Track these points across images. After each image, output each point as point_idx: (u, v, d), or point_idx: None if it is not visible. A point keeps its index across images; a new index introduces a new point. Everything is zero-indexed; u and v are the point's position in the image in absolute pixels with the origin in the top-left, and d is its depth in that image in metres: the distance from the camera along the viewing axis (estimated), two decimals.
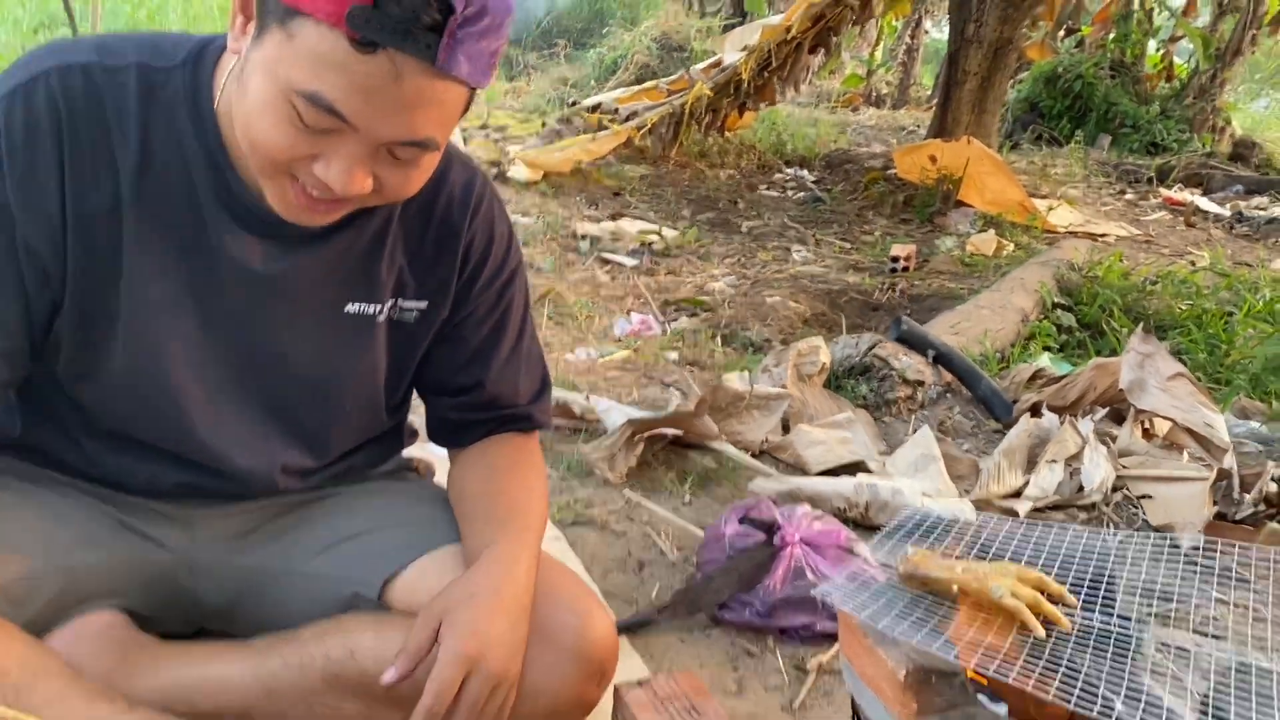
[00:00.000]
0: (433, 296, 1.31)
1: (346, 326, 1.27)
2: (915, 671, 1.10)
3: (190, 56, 1.12)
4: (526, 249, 5.16)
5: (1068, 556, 1.46)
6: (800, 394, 2.69)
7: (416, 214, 1.26)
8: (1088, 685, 1.12)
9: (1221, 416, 2.61)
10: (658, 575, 2.00)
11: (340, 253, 1.21)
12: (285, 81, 0.95)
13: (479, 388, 1.37)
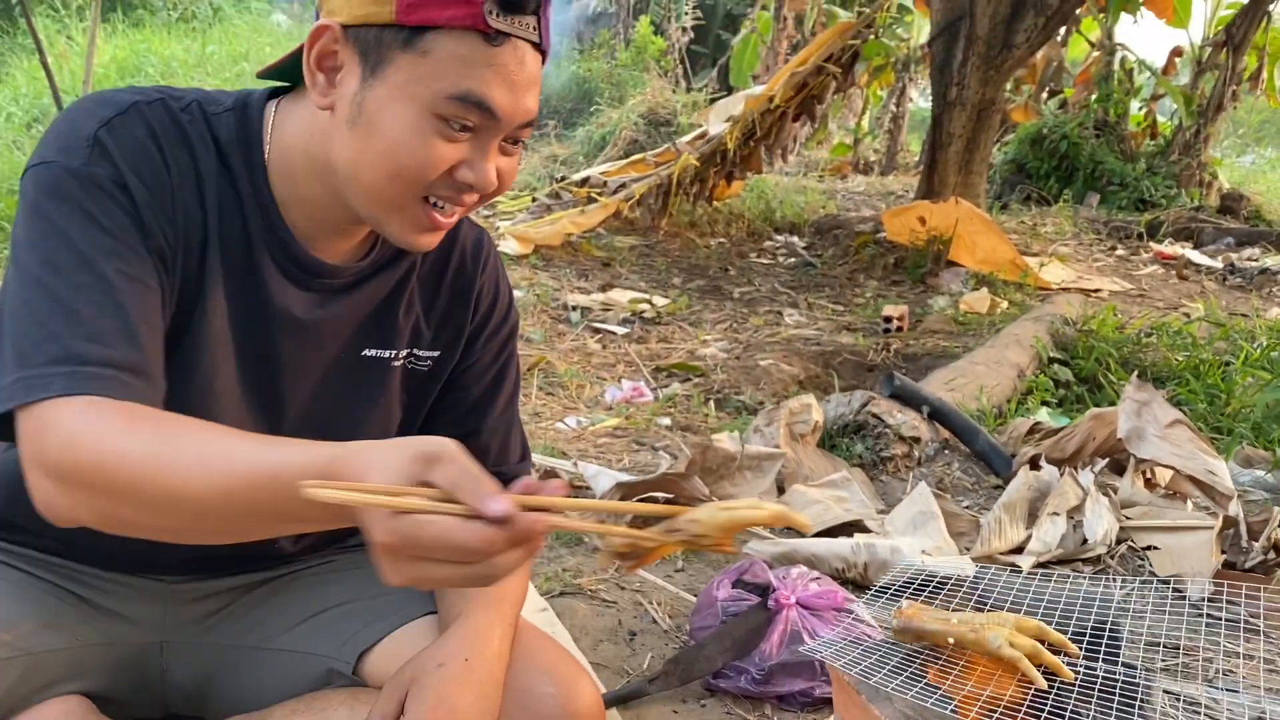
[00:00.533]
0: (445, 347, 1.34)
1: (362, 370, 1.29)
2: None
3: (238, 103, 1.16)
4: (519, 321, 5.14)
5: (1068, 606, 1.40)
6: (794, 454, 2.63)
7: (433, 265, 1.31)
8: None
9: (1223, 463, 2.55)
10: (650, 644, 1.92)
11: (366, 299, 1.26)
12: (431, 95, 1.03)
13: (474, 437, 1.36)
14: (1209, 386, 4.24)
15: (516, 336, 1.41)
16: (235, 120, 1.14)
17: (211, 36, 14.51)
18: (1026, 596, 1.40)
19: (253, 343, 1.21)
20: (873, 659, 1.19)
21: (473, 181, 1.09)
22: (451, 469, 0.83)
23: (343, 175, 1.10)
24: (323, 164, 1.13)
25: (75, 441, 0.94)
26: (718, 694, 1.75)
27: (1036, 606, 1.36)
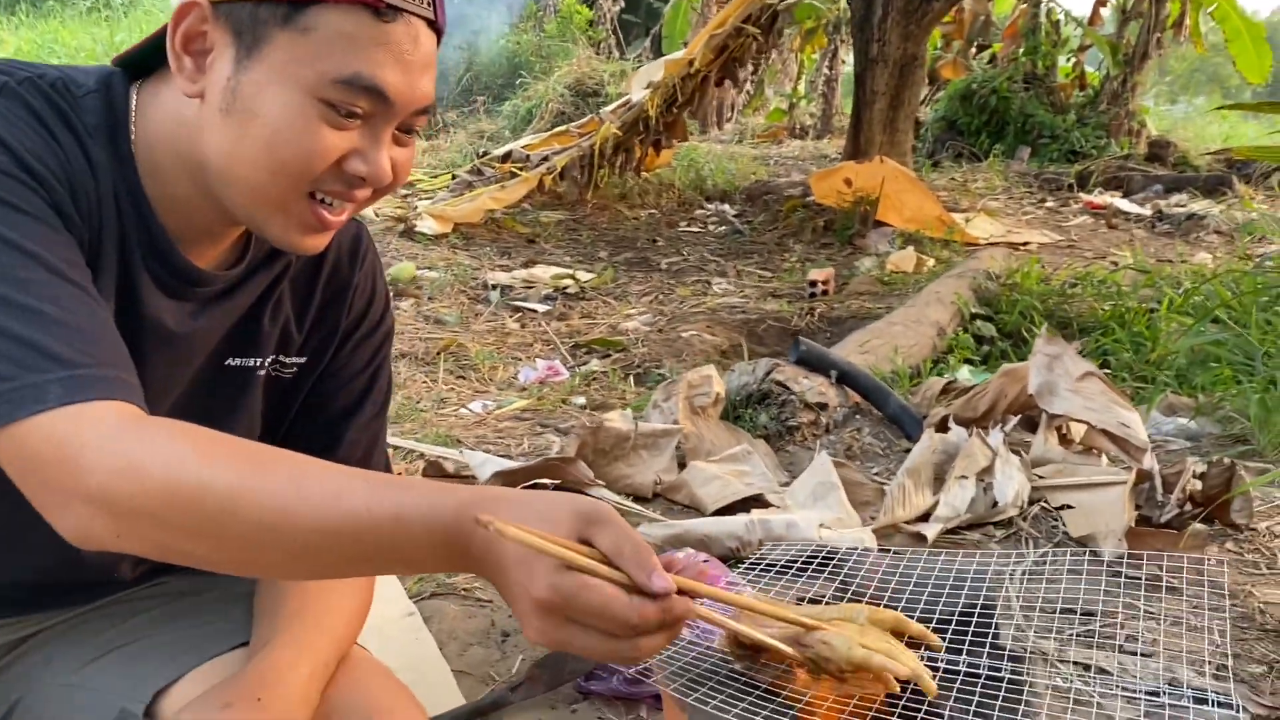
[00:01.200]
0: (314, 352, 1.24)
1: (226, 382, 1.19)
2: None
3: (101, 84, 1.02)
4: (431, 303, 4.97)
5: (940, 585, 1.28)
6: (694, 428, 2.50)
7: (306, 264, 1.20)
8: None
9: (1137, 415, 2.46)
10: (524, 646, 1.78)
11: (236, 307, 1.15)
12: (315, 78, 0.92)
13: (333, 449, 1.25)
14: (1134, 335, 4.18)
15: (388, 348, 1.29)
16: (101, 104, 1.01)
17: (123, 25, 14.03)
18: (893, 578, 1.28)
19: (135, 360, 1.06)
20: (711, 663, 1.06)
21: (364, 174, 0.98)
22: (615, 533, 0.79)
23: (216, 171, 0.98)
24: (192, 160, 1.00)
25: (137, 466, 0.82)
26: (590, 697, 1.62)
27: (902, 590, 1.24)
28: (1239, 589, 2.12)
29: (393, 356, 1.34)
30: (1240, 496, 2.35)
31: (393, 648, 1.74)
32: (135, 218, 1.03)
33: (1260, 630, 1.96)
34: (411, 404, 3.38)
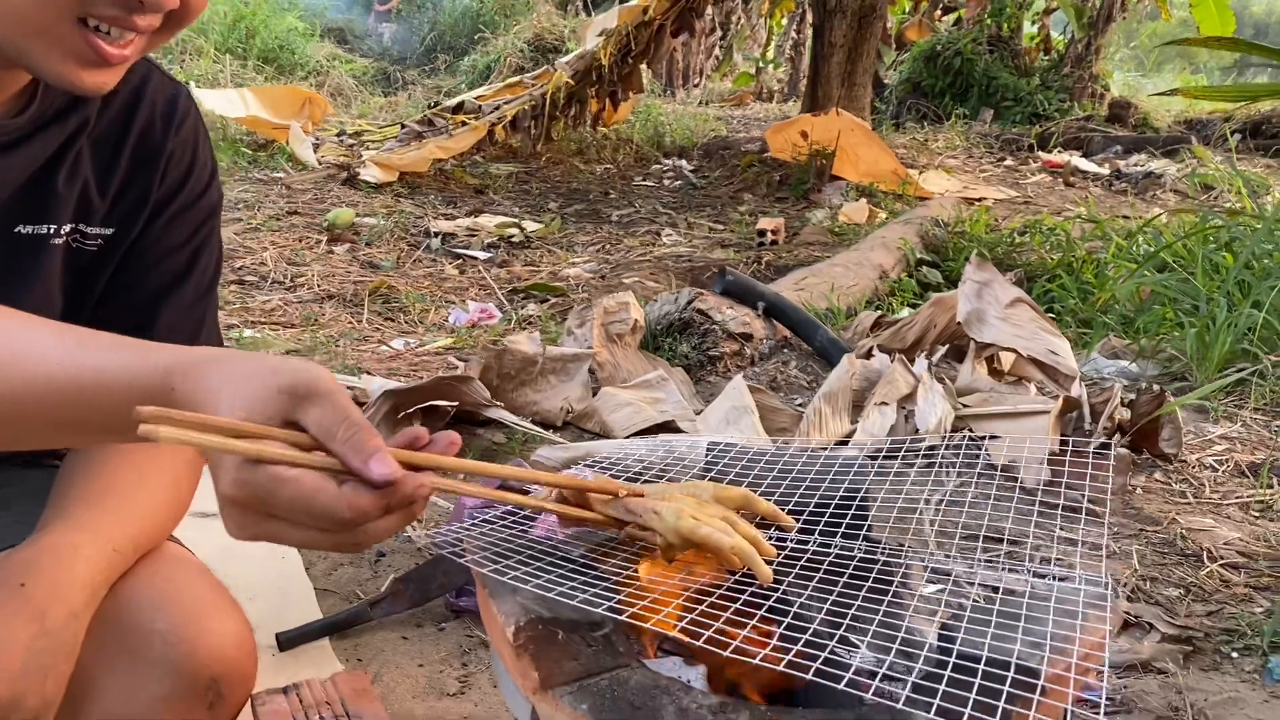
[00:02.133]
0: (121, 223, 1.13)
1: (15, 252, 1.07)
2: (529, 626, 0.79)
3: None
4: (369, 248, 4.82)
5: (816, 477, 1.17)
6: (609, 355, 2.38)
7: (112, 124, 1.09)
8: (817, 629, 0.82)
9: (1066, 342, 2.37)
10: (399, 565, 1.67)
11: (21, 165, 1.04)
12: None
13: (146, 330, 1.14)
14: (1082, 283, 4.11)
15: (214, 225, 1.17)
16: None
17: None
18: (765, 469, 1.17)
19: None
20: (515, 544, 0.95)
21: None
22: (326, 411, 0.69)
23: None
24: None
25: None
26: (461, 615, 1.51)
27: (771, 481, 1.13)
28: (1164, 516, 2.04)
29: (318, 296, 1.22)
30: (1169, 426, 2.28)
31: (255, 565, 1.62)
32: None
33: (1180, 555, 1.88)
34: (330, 340, 3.24)
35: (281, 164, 6.24)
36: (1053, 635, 0.80)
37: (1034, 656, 0.77)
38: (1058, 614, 0.83)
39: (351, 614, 1.42)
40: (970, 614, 0.86)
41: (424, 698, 1.29)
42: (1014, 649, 0.78)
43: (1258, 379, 2.72)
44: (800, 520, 1.07)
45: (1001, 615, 0.84)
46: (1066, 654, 0.78)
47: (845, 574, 0.93)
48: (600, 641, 0.81)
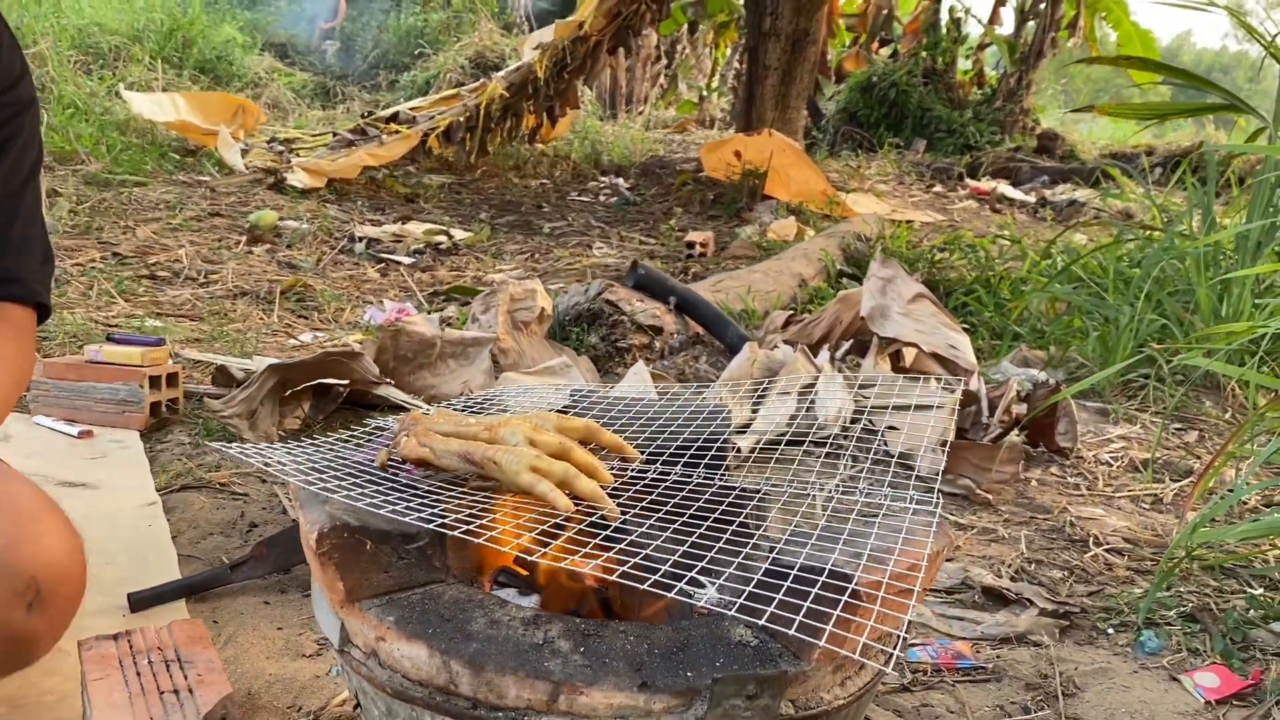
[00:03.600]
0: None
1: None
2: (334, 534, 0.76)
3: None
4: (290, 250, 4.74)
5: (671, 419, 1.16)
6: (514, 343, 2.35)
7: None
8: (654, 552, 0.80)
9: (966, 338, 2.39)
10: (270, 535, 1.62)
11: None
12: None
13: None
14: (999, 297, 4.17)
15: (30, 114, 1.16)
16: None
17: None
18: (623, 412, 1.16)
19: None
20: (368, 479, 0.91)
21: None
22: None
23: None
24: None
25: None
26: None
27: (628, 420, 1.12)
28: (1055, 506, 2.06)
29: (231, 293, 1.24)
30: (1065, 420, 2.30)
31: (120, 533, 1.56)
32: None
33: (1068, 540, 1.89)
34: (238, 334, 3.17)
35: (208, 168, 6.13)
36: (873, 549, 0.79)
37: (850, 565, 0.76)
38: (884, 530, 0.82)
39: (209, 576, 1.36)
40: (793, 529, 0.85)
41: (278, 658, 1.25)
42: (831, 559, 0.76)
43: (1156, 382, 2.77)
44: (654, 459, 1.05)
45: (828, 530, 0.83)
46: (885, 565, 0.76)
47: (694, 506, 0.92)
48: (413, 555, 0.78)
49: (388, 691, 0.74)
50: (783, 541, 0.81)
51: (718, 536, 0.84)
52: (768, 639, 0.74)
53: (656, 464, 1.00)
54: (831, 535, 0.81)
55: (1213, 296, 2.99)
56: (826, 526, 0.84)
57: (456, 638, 0.72)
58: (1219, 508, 1.86)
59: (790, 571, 0.74)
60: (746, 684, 0.70)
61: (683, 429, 1.14)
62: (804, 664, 0.72)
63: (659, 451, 1.07)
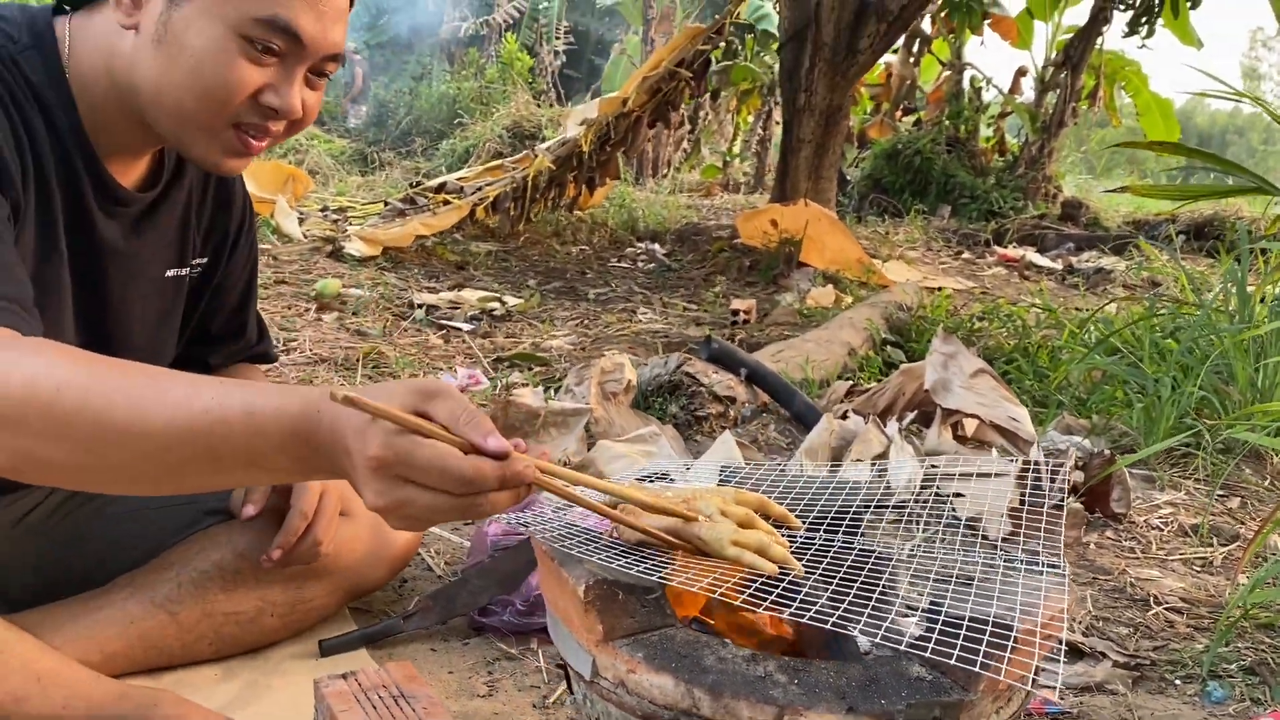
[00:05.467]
0: (213, 252, 1.42)
1: (168, 291, 1.36)
2: (596, 586, 0.95)
3: (34, 36, 1.13)
4: (356, 318, 4.98)
5: (815, 494, 1.35)
6: (605, 412, 2.55)
7: (198, 177, 1.35)
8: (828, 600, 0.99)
9: (1025, 410, 2.58)
10: (421, 590, 1.81)
11: (165, 222, 1.30)
12: (238, 16, 1.04)
13: (243, 329, 1.53)
14: (1038, 366, 4.35)
15: (256, 233, 1.53)
16: (41, 61, 1.11)
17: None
18: (778, 488, 1.35)
19: (86, 278, 1.22)
20: (603, 544, 1.11)
21: (277, 106, 1.10)
22: (451, 404, 0.83)
23: (148, 96, 1.09)
24: (125, 85, 1.11)
25: (1, 376, 0.86)
26: (483, 632, 1.65)
27: (779, 492, 1.31)
28: (1114, 567, 2.23)
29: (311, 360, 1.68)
30: (1119, 488, 2.48)
31: None
32: (80, 154, 1.15)
33: (1130, 600, 2.06)
34: None
35: (267, 236, 6.41)
36: (1023, 603, 0.98)
37: (1009, 615, 0.95)
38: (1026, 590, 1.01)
39: (386, 626, 1.55)
40: (953, 588, 1.04)
41: (456, 698, 1.43)
42: (992, 610, 0.95)
43: (1201, 450, 2.94)
44: (805, 523, 1.25)
45: (980, 588, 1.02)
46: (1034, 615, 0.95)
47: (846, 563, 1.11)
48: (653, 604, 0.98)
49: (637, 715, 0.92)
50: (948, 595, 1.00)
51: (871, 590, 1.03)
52: (940, 675, 0.93)
53: (803, 531, 1.19)
54: (986, 591, 1.00)
55: (1249, 370, 3.17)
56: (980, 584, 1.03)
57: (695, 670, 0.91)
58: (1271, 570, 2.03)
59: (963, 620, 0.93)
60: (933, 709, 0.88)
61: (817, 499, 1.34)
62: (972, 694, 0.90)
63: (802, 518, 1.26)
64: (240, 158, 1.16)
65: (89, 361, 0.90)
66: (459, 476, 0.80)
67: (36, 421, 0.85)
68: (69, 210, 1.16)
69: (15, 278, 1.00)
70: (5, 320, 0.94)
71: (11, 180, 1.04)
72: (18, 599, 1.33)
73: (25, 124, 1.08)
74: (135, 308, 1.30)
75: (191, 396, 0.86)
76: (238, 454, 0.86)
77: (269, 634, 1.45)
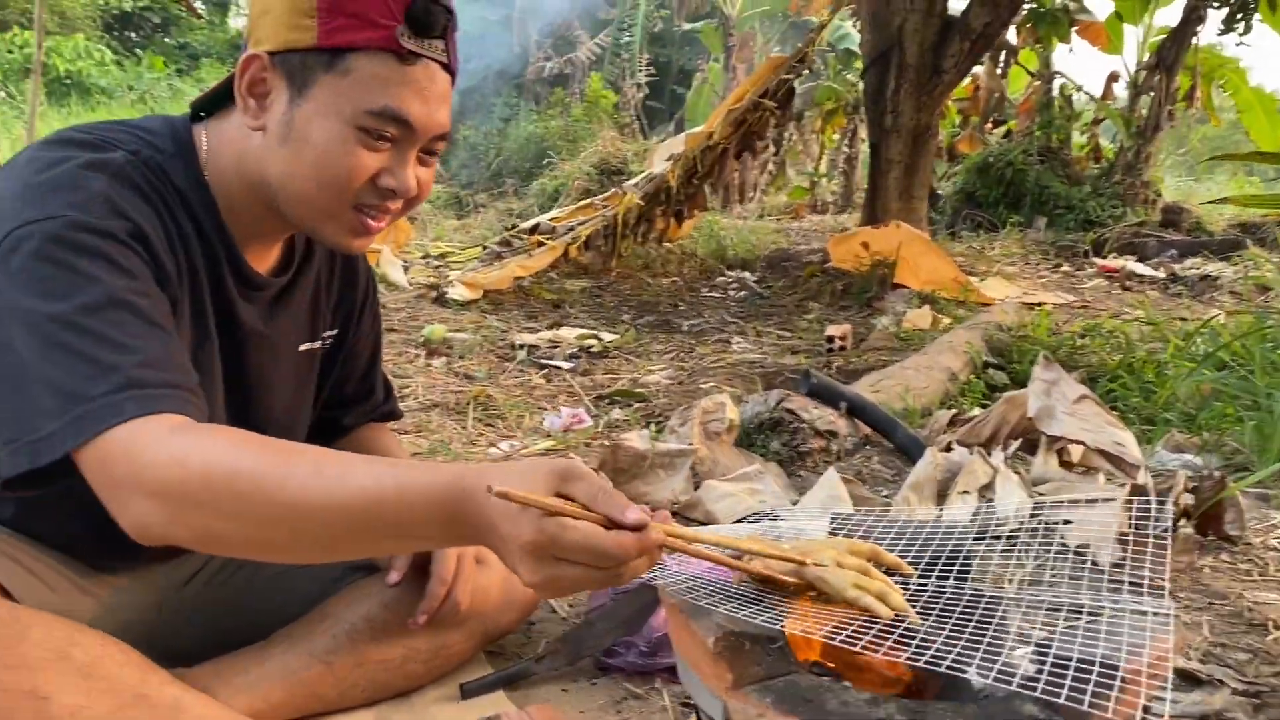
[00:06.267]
0: (341, 324, 1.54)
1: (302, 365, 1.47)
2: (725, 638, 1.04)
3: (176, 144, 1.26)
4: (462, 361, 5.17)
5: (922, 540, 1.41)
6: (708, 451, 2.64)
7: (326, 255, 1.48)
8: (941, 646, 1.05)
9: (1130, 434, 2.57)
10: (547, 632, 1.91)
11: (298, 301, 1.42)
12: (353, 109, 1.14)
13: (372, 392, 1.65)
14: (1143, 382, 4.29)
15: None
16: (183, 167, 1.25)
17: (164, 112, 14.67)
18: (881, 534, 1.41)
19: (233, 365, 1.34)
20: (727, 595, 1.19)
21: (394, 186, 1.21)
22: (587, 484, 0.92)
23: (277, 188, 1.22)
24: (256, 180, 1.24)
25: (182, 459, 0.97)
26: (610, 673, 1.74)
27: (886, 540, 1.37)
28: (1230, 592, 2.21)
29: (425, 405, 1.82)
30: (1232, 510, 2.46)
31: None
32: (223, 248, 1.29)
33: (1248, 625, 2.05)
34: (444, 445, 3.54)
35: None
36: (1129, 642, 1.03)
37: (1114, 657, 1.00)
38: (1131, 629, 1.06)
39: (520, 669, 1.66)
40: (1060, 630, 1.09)
41: None
42: (1098, 652, 1.01)
43: None
44: (916, 569, 1.31)
45: (1087, 630, 1.07)
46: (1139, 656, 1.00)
47: (957, 609, 1.17)
48: (776, 652, 1.06)
49: None
50: (1057, 631, 1.05)
51: (983, 631, 1.09)
52: (1053, 714, 0.98)
53: (915, 575, 1.26)
54: (1093, 628, 1.05)
55: None
56: (1088, 620, 1.08)
57: (820, 714, 0.98)
58: None
59: (1070, 659, 0.98)
60: None
61: (928, 544, 1.40)
62: None
63: (914, 563, 1.33)
64: (363, 237, 1.26)
65: (257, 447, 1.02)
66: (605, 553, 0.90)
67: (216, 502, 0.98)
68: (214, 299, 1.28)
69: (183, 366, 1.11)
70: (179, 407, 1.05)
71: (169, 278, 1.17)
72: (188, 651, 1.46)
73: (175, 224, 1.21)
74: (274, 382, 1.41)
75: (346, 477, 0.97)
76: (388, 529, 0.98)
77: (414, 679, 1.55)
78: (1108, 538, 2.30)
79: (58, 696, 1.03)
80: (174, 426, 1.01)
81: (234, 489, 0.97)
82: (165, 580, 1.46)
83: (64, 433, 0.99)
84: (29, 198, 1.08)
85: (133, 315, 1.07)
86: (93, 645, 1.10)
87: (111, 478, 1.00)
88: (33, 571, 1.27)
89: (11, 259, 1.05)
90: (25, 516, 1.26)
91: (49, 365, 1.01)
